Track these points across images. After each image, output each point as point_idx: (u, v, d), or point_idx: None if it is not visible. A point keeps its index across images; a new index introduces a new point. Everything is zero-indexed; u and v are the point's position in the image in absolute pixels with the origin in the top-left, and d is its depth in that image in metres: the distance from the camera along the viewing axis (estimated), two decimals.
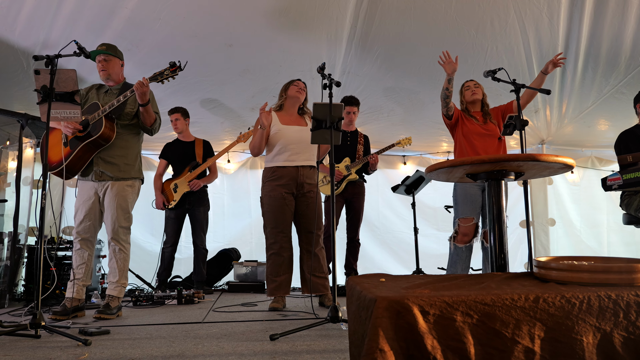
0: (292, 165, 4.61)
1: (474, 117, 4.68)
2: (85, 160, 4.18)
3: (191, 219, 6.24)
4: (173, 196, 6.09)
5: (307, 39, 5.14)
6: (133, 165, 4.38)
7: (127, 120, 4.33)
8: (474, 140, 4.60)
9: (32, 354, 2.77)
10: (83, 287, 4.25)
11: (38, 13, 4.54)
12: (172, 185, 6.13)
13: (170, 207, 6.10)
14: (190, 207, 6.15)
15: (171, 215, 6.18)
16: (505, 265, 2.88)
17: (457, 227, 4.56)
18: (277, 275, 4.57)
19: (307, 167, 4.66)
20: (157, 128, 4.42)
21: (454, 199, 4.69)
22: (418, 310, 1.51)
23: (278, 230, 4.58)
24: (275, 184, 4.60)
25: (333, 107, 3.58)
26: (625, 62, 5.38)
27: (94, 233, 4.32)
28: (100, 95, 4.32)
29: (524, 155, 2.61)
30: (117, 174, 4.26)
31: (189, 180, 6.06)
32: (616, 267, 1.74)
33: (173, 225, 6.18)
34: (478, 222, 4.59)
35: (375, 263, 7.60)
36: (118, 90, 4.33)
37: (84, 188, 4.28)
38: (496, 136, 4.63)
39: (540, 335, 1.53)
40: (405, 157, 8.13)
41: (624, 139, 4.56)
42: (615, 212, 7.62)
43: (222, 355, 2.70)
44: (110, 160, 4.24)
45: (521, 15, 4.88)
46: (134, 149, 4.43)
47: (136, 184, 4.42)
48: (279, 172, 4.62)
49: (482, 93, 4.77)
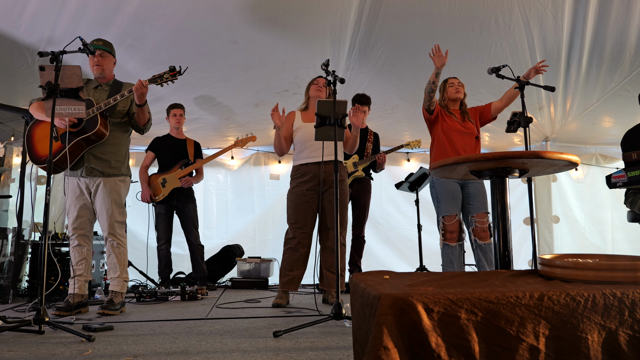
0: (314, 162, 4.63)
1: (453, 115, 4.68)
2: (76, 155, 4.17)
3: (181, 216, 6.23)
4: (161, 190, 6.07)
5: (311, 36, 5.13)
6: (123, 162, 4.41)
7: (118, 118, 4.34)
8: (453, 137, 4.59)
9: (35, 349, 2.78)
10: (85, 283, 4.26)
11: (43, 9, 4.54)
12: (159, 180, 6.10)
13: (157, 201, 6.09)
14: (179, 203, 6.16)
15: (162, 211, 6.17)
16: (510, 262, 2.87)
17: (442, 225, 4.55)
18: (291, 270, 4.61)
19: (330, 163, 4.66)
20: (148, 127, 4.45)
21: (434, 196, 4.66)
22: (422, 307, 1.51)
23: (297, 226, 4.62)
24: (299, 180, 4.65)
25: (337, 103, 3.58)
26: (630, 58, 5.37)
27: (90, 228, 4.34)
28: (89, 91, 4.30)
29: (528, 153, 2.60)
30: (108, 170, 4.27)
31: (181, 176, 6.05)
32: (621, 265, 1.73)
33: (164, 221, 6.18)
34: (460, 219, 4.59)
35: (379, 260, 7.60)
36: (109, 87, 4.33)
37: (74, 184, 4.28)
38: (474, 135, 4.64)
39: (545, 333, 1.52)
40: (409, 154, 8.13)
41: (630, 137, 4.54)
42: (619, 210, 7.61)
43: (225, 351, 2.70)
44: (101, 156, 4.24)
45: (525, 12, 4.86)
46: (124, 146, 4.45)
47: (127, 180, 4.45)
48: (302, 169, 4.66)
49: (464, 92, 4.77)
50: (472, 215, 4.54)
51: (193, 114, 6.51)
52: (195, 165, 6.19)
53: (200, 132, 7.09)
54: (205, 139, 7.30)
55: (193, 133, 6.96)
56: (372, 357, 1.44)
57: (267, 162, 7.86)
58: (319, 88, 4.74)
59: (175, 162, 6.15)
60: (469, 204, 4.56)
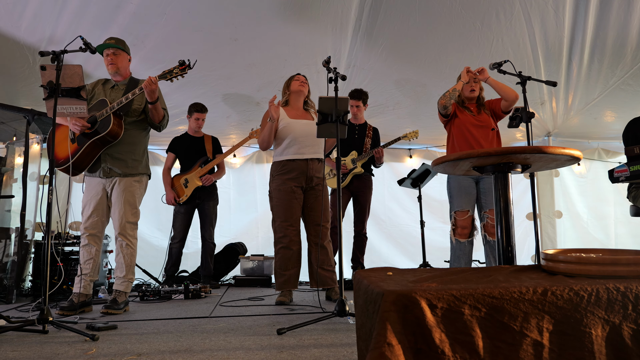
0: (301, 158, 4.62)
1: (467, 109, 4.66)
2: (93, 156, 4.19)
3: (201, 213, 6.24)
4: (184, 191, 6.09)
5: (312, 33, 5.13)
6: (140, 161, 4.40)
7: (134, 117, 4.34)
8: (469, 131, 4.58)
9: (39, 349, 2.78)
10: (90, 283, 4.27)
11: (44, 9, 4.54)
12: (182, 180, 6.13)
13: (182, 202, 6.09)
14: (200, 201, 6.16)
15: (181, 210, 6.18)
16: (513, 258, 2.87)
17: (454, 220, 4.55)
18: (286, 269, 4.57)
19: (315, 160, 4.67)
20: (165, 124, 4.44)
21: (449, 192, 4.68)
22: (426, 303, 1.51)
23: (287, 223, 4.58)
24: (285, 177, 4.62)
25: (339, 100, 3.57)
26: (632, 53, 5.35)
27: (101, 229, 4.34)
28: (106, 91, 4.32)
29: (530, 148, 2.60)
30: (125, 170, 4.27)
31: (200, 175, 6.06)
32: (624, 259, 1.73)
33: (182, 220, 6.18)
34: (473, 215, 4.59)
35: (382, 256, 7.60)
36: (125, 85, 4.34)
37: (92, 184, 4.29)
38: (489, 127, 4.62)
39: (548, 328, 1.52)
40: (412, 150, 8.11)
41: (632, 127, 4.51)
42: (622, 204, 7.59)
43: (229, 349, 2.70)
44: (117, 156, 4.25)
45: (526, 7, 4.85)
46: (141, 144, 4.44)
47: (144, 180, 4.44)
48: (289, 165, 4.63)
49: (479, 88, 4.75)
50: (485, 211, 4.55)
51: None
52: (215, 161, 6.20)
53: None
54: None
55: None
56: (376, 354, 1.44)
57: (269, 160, 7.84)
58: (301, 83, 4.75)
59: (194, 161, 6.16)
60: (483, 199, 4.58)
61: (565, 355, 1.51)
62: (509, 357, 1.49)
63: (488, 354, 1.49)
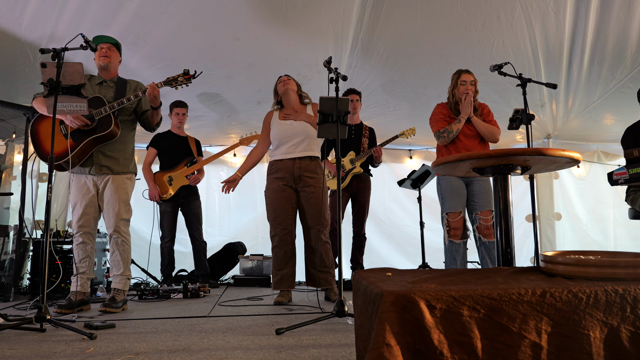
0: (288, 157, 4.64)
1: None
2: (87, 153, 4.19)
3: (186, 212, 6.23)
4: (168, 189, 6.07)
5: (313, 33, 5.13)
6: (130, 159, 4.45)
7: (126, 116, 4.37)
8: (458, 141, 4.57)
9: (37, 347, 2.78)
10: (88, 281, 4.26)
11: (44, 6, 4.54)
12: (165, 178, 6.10)
13: (165, 199, 6.08)
14: (185, 200, 6.16)
15: (167, 209, 6.17)
16: (512, 259, 2.87)
17: (447, 222, 4.55)
18: (279, 269, 4.59)
19: (305, 159, 4.64)
20: (160, 125, 4.50)
21: (439, 193, 4.66)
22: (425, 304, 1.51)
23: (277, 222, 4.61)
24: (274, 176, 4.68)
25: (339, 100, 3.57)
26: (632, 56, 5.36)
27: (94, 226, 4.35)
28: (93, 87, 4.30)
29: (530, 150, 2.60)
30: (117, 167, 4.30)
31: (186, 174, 6.06)
32: (623, 262, 1.73)
33: (170, 219, 6.18)
34: (465, 216, 4.58)
35: (381, 257, 7.61)
36: (114, 84, 4.34)
37: (81, 181, 4.29)
38: (479, 137, 4.63)
39: (547, 330, 1.52)
40: (412, 151, 8.12)
41: (631, 133, 4.53)
42: (621, 207, 7.60)
43: (228, 349, 2.70)
44: (110, 154, 4.27)
45: (527, 10, 4.86)
46: (131, 143, 4.51)
47: (133, 178, 4.49)
48: (276, 165, 4.68)
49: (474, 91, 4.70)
50: (477, 213, 4.54)
51: (195, 111, 6.50)
52: (202, 163, 6.21)
53: (202, 129, 7.09)
54: (207, 136, 7.31)
55: (195, 130, 6.96)
56: (375, 354, 1.44)
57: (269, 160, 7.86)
58: (284, 83, 4.74)
59: (178, 160, 6.14)
60: (474, 201, 4.56)
61: (563, 357, 1.51)
62: (508, 359, 1.49)
63: (486, 355, 1.49)
